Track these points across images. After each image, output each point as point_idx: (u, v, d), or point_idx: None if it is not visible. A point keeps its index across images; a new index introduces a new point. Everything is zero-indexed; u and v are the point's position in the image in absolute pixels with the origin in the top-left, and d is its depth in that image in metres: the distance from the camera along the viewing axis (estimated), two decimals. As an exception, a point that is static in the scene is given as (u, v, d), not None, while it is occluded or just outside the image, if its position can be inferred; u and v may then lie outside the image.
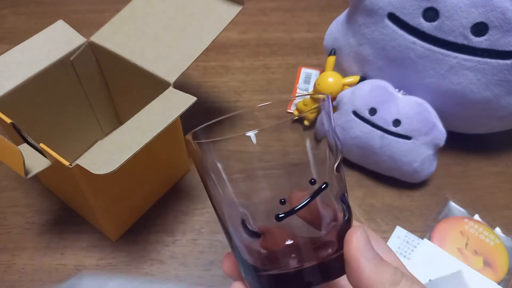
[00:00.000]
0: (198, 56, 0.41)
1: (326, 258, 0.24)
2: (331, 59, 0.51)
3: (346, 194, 0.26)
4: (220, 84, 0.60)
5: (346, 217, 0.25)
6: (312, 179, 0.24)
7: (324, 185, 0.24)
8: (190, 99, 0.37)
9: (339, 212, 0.25)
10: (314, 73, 0.61)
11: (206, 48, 0.42)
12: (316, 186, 0.24)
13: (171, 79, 0.40)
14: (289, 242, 0.25)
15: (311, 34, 0.66)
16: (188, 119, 0.42)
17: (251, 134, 0.22)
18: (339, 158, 0.25)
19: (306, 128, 0.25)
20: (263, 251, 0.25)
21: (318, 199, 0.24)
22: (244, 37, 0.66)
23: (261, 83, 0.60)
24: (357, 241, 0.23)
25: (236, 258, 0.26)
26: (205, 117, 0.25)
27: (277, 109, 0.26)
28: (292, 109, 0.54)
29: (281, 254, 0.25)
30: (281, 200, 0.24)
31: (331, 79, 0.50)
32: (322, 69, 0.51)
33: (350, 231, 0.23)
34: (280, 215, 0.24)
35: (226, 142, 0.23)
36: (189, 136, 0.25)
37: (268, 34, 0.67)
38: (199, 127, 0.25)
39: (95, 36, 0.44)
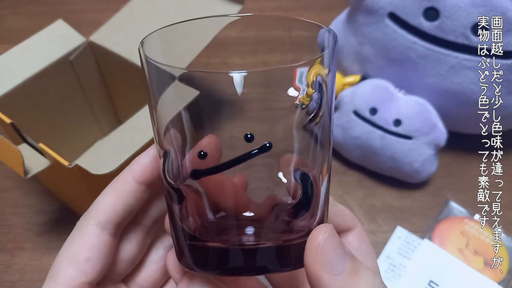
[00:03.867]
0: (199, 54, 0.41)
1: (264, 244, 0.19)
2: None
3: (307, 174, 0.20)
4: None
5: (300, 197, 0.19)
6: (249, 134, 0.19)
7: (268, 145, 0.18)
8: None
9: (293, 190, 0.19)
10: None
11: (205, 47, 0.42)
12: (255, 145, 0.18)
13: (171, 79, 0.40)
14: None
15: (310, 33, 0.66)
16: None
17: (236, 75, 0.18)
18: (313, 114, 0.20)
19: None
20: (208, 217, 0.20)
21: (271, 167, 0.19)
22: (243, 34, 0.66)
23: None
24: (320, 252, 0.18)
25: (171, 228, 0.21)
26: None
27: None
28: None
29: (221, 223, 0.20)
30: (246, 135, 0.19)
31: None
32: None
33: (312, 235, 0.18)
34: (197, 172, 0.19)
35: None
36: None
37: (267, 32, 0.67)
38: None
39: (95, 35, 0.44)
